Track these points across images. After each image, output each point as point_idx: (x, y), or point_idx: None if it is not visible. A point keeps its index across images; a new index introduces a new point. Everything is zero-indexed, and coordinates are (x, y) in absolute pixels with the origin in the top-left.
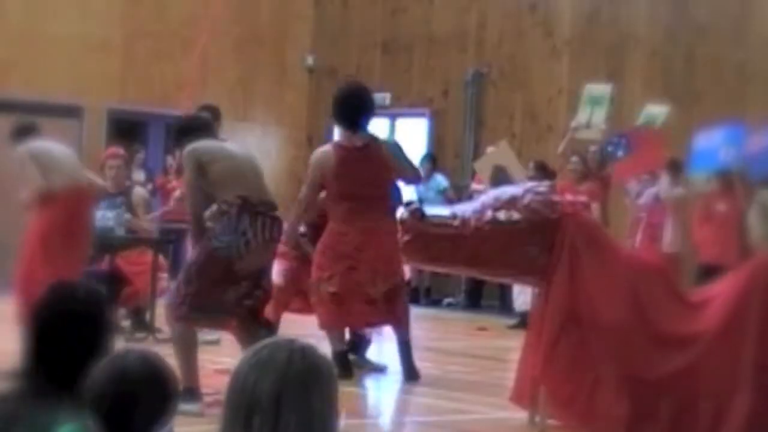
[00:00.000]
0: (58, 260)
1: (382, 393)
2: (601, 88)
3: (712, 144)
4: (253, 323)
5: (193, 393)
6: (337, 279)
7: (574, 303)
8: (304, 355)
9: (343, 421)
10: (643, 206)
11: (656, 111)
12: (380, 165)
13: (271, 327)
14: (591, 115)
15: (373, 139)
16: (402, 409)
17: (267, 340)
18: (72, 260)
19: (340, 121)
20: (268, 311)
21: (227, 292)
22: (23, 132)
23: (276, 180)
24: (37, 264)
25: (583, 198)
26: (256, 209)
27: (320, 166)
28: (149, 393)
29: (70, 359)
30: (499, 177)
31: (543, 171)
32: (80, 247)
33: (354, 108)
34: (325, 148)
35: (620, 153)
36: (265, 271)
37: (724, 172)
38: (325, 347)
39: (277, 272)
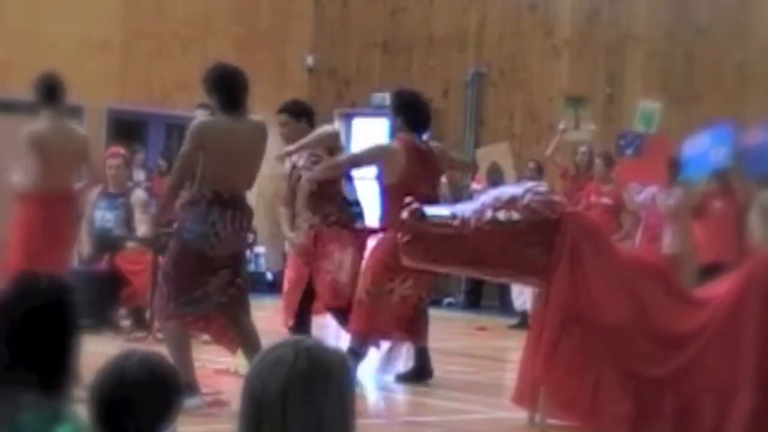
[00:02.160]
0: (38, 260)
1: (382, 393)
2: (579, 94)
3: (701, 148)
4: (239, 314)
5: (191, 387)
6: (411, 282)
7: (575, 302)
8: (309, 354)
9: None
10: (642, 204)
11: (650, 108)
12: (438, 168)
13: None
14: (577, 118)
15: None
16: (402, 409)
17: (275, 343)
18: (53, 261)
19: (412, 123)
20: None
21: (209, 283)
22: (49, 95)
23: (276, 180)
24: (19, 261)
25: (607, 200)
26: (226, 203)
27: (388, 158)
28: (150, 396)
29: (38, 354)
30: (494, 174)
31: (540, 171)
32: (62, 249)
33: (428, 114)
34: (391, 143)
35: (630, 152)
36: (240, 259)
37: (719, 172)
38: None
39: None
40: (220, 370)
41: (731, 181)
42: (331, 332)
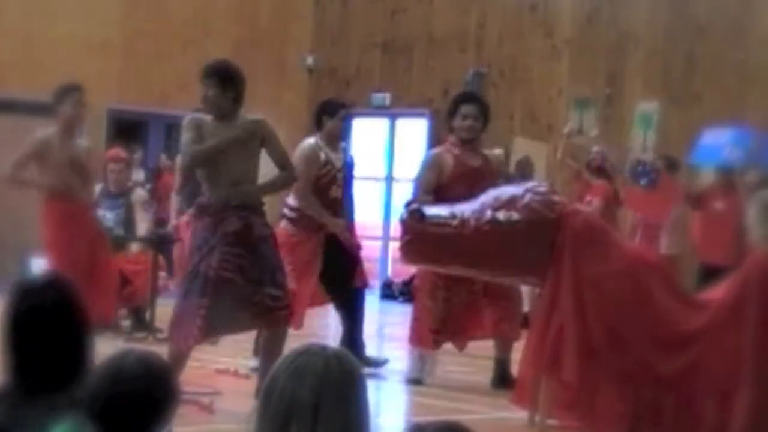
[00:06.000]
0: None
1: (381, 393)
2: (586, 94)
3: (719, 141)
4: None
5: None
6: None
7: (577, 302)
8: (339, 362)
9: None
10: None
11: (649, 110)
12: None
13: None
14: (581, 121)
15: None
16: (402, 409)
17: (299, 347)
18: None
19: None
20: None
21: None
22: (64, 92)
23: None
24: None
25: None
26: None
27: (438, 166)
28: (146, 394)
29: (44, 357)
30: (523, 167)
31: (524, 170)
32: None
33: None
34: (439, 150)
35: (644, 182)
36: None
37: (725, 169)
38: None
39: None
40: (220, 370)
41: (735, 181)
42: (331, 332)
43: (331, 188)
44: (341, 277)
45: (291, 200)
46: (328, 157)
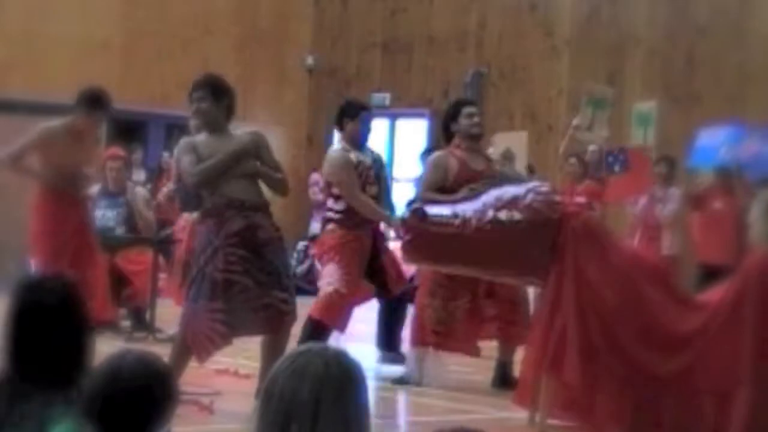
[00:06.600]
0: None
1: (382, 393)
2: (602, 91)
3: (715, 141)
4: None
5: None
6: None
7: (578, 303)
8: (339, 362)
9: None
10: (641, 207)
11: (646, 109)
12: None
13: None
14: (593, 119)
15: None
16: (402, 409)
17: (300, 348)
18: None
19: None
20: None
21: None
22: (91, 104)
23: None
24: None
25: (581, 198)
26: None
27: (443, 168)
28: (145, 394)
29: (43, 352)
30: (505, 161)
31: (531, 173)
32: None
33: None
34: (443, 152)
35: (617, 168)
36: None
37: (722, 169)
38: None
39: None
40: (220, 370)
41: (733, 181)
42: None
43: (365, 187)
44: (378, 284)
45: (334, 204)
46: (358, 157)
